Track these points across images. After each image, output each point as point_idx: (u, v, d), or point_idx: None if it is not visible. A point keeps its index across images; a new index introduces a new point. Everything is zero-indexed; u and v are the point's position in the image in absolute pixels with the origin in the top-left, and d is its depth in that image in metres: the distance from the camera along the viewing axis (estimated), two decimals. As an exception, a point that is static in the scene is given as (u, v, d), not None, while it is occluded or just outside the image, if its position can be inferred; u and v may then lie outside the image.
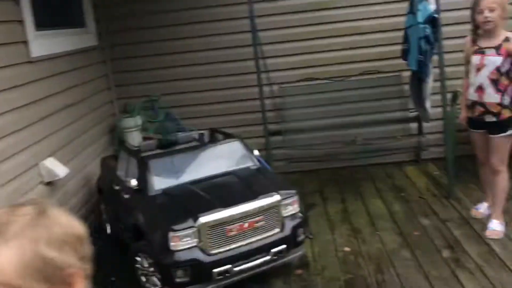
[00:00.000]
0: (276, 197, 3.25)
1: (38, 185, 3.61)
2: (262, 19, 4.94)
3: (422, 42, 4.40)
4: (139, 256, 3.35)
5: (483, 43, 3.54)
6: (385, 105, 5.21)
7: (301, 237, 3.40)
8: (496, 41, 3.47)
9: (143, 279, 3.36)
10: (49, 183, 3.72)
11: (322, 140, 5.31)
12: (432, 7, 4.35)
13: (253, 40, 4.65)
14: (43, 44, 3.87)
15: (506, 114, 3.50)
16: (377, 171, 5.19)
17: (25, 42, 3.60)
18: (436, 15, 4.33)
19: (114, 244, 4.04)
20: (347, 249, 3.74)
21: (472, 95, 3.62)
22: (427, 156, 5.36)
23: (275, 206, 3.25)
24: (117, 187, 3.84)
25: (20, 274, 0.88)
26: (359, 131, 5.21)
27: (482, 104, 3.57)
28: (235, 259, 3.12)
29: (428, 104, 4.64)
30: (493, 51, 3.47)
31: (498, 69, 3.46)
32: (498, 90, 3.49)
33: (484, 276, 3.16)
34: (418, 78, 4.57)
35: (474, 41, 3.62)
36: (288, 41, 5.31)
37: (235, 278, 3.17)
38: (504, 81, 3.47)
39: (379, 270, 3.39)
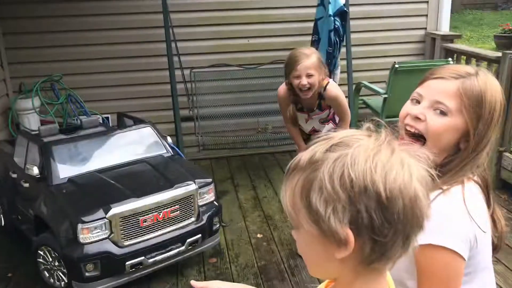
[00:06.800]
0: (192, 186, 3.18)
1: None
2: (172, 0, 4.78)
3: (332, 34, 4.54)
4: (41, 250, 3.11)
5: (304, 101, 3.14)
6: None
7: (217, 226, 3.38)
8: (315, 95, 3.09)
9: (46, 274, 3.13)
10: None
11: (233, 127, 5.31)
12: (342, 0, 4.50)
13: (164, 21, 4.48)
14: None
15: None
16: (286, 159, 5.30)
17: None
18: (346, 9, 4.49)
19: (10, 237, 3.71)
20: (260, 236, 3.79)
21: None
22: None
23: (191, 196, 3.18)
24: (14, 175, 3.51)
25: None
26: (269, 119, 5.27)
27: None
28: (149, 250, 3.02)
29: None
30: (316, 110, 3.20)
31: (323, 118, 3.29)
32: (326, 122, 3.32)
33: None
34: (327, 69, 4.72)
35: (295, 102, 3.19)
36: (200, 25, 5.20)
37: (148, 270, 3.07)
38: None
39: (292, 255, 3.48)
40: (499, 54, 4.38)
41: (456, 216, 1.16)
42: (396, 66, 4.64)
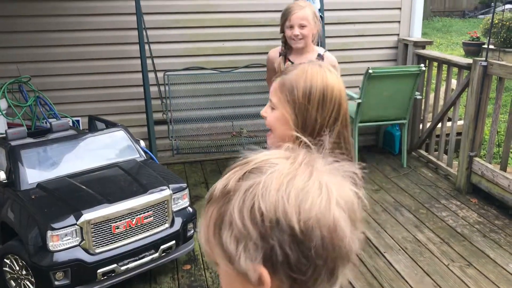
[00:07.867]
0: (166, 192, 3.12)
1: None
2: (146, 2, 4.71)
3: (307, 39, 4.55)
4: (7, 258, 2.99)
5: (295, 59, 3.06)
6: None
7: (191, 232, 3.32)
8: (309, 57, 3.03)
9: (13, 283, 3.02)
10: None
11: (207, 131, 5.26)
12: (318, 5, 4.52)
13: (138, 23, 4.40)
14: None
15: None
16: (260, 163, 5.29)
17: None
18: (321, 14, 4.51)
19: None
20: (234, 241, 3.74)
21: None
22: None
23: (165, 201, 3.11)
24: (-21, 180, 3.37)
25: None
26: (244, 123, 5.25)
27: None
28: (121, 258, 2.94)
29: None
30: None
31: None
32: None
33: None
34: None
35: (285, 56, 3.16)
36: (173, 28, 5.13)
37: (121, 278, 2.99)
38: None
39: (267, 261, 3.45)
40: (470, 61, 4.47)
41: None
42: (370, 71, 4.69)
